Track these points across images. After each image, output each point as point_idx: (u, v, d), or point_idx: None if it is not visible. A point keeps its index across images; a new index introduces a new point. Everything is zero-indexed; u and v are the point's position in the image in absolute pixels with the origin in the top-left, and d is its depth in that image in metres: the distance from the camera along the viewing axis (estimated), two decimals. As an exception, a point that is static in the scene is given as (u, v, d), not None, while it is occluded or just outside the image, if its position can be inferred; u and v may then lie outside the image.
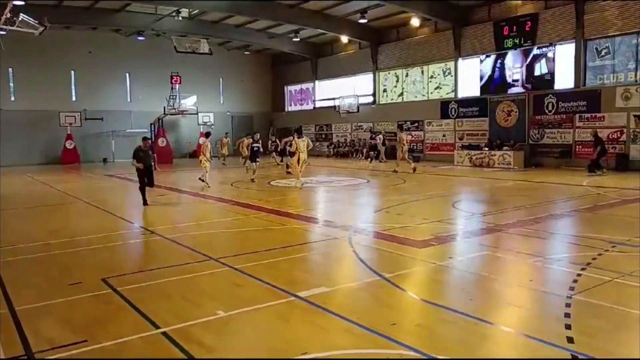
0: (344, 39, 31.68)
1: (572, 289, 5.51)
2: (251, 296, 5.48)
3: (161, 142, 31.75)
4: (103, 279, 6.15)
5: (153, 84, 33.27)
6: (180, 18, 28.35)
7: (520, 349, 4.29)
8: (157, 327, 4.63)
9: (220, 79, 37.75)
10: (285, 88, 40.19)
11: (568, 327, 4.47)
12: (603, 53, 21.28)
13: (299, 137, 16.86)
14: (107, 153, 32.99)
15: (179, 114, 32.85)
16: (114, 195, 15.91)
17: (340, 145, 34.24)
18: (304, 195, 14.72)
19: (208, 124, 36.36)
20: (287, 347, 4.25)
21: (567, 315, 4.76)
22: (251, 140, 19.61)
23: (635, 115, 20.04)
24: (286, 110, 40.32)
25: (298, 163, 16.52)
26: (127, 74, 33.99)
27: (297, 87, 39.07)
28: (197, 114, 34.43)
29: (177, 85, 32.42)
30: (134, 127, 33.03)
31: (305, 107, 38.35)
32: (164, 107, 32.07)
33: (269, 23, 30.15)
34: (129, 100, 34.23)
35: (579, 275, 6.02)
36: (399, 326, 4.65)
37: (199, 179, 16.64)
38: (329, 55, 35.21)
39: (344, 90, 33.30)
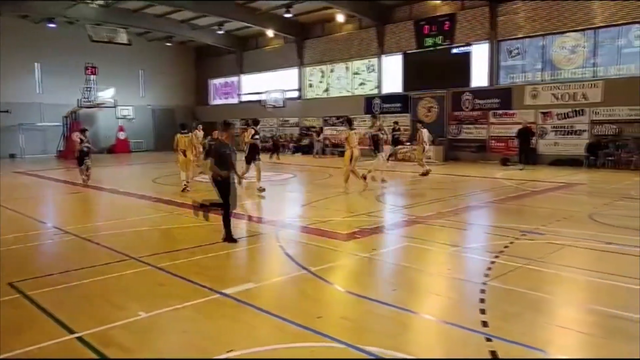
0: (270, 33, 31.48)
1: (486, 275, 5.84)
2: (174, 295, 5.32)
3: (76, 136, 29.95)
4: (10, 284, 5.73)
5: (66, 75, 31.24)
6: (95, 5, 26.88)
7: (440, 335, 4.49)
8: (72, 332, 4.39)
9: (141, 71, 36.24)
10: (210, 81, 39.35)
11: (483, 312, 4.73)
12: (514, 54, 22.67)
13: (351, 129, 13.67)
14: (15, 148, 30.71)
15: (95, 107, 31.20)
16: (24, 194, 14.85)
17: (267, 140, 34.03)
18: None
19: (128, 117, 34.85)
20: (212, 344, 4.17)
21: (482, 300, 5.03)
22: (253, 131, 14.77)
23: (542, 112, 21.54)
24: (210, 103, 39.50)
25: (350, 161, 13.34)
26: (37, 64, 31.68)
27: (222, 80, 38.37)
28: (115, 107, 32.87)
29: (93, 77, 30.77)
30: (45, 121, 31.02)
31: (230, 100, 37.76)
32: (79, 100, 30.32)
33: (191, 14, 29.32)
34: (38, 91, 31.95)
35: (492, 262, 6.39)
36: (325, 319, 4.71)
37: (185, 186, 13.50)
38: (255, 49, 34.86)
39: (270, 85, 33.13)
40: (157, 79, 36.87)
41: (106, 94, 32.24)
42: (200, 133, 19.11)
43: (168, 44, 36.50)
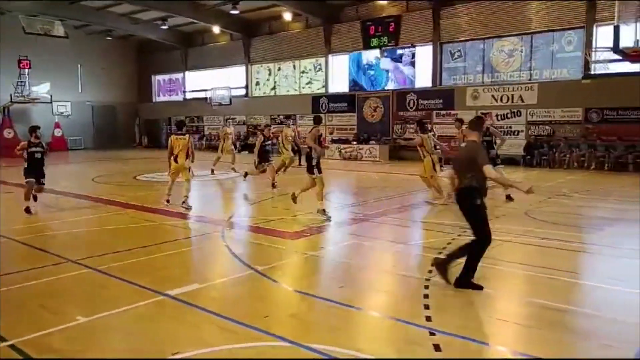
0: (216, 29, 30.96)
1: (430, 271, 5.98)
2: (116, 298, 5.13)
3: (7, 133, 28.47)
4: None
5: (-4, 68, 29.49)
6: (29, -5, 25.54)
7: (386, 331, 4.57)
8: (4, 340, 4.14)
9: (79, 66, 34.67)
10: (153, 77, 38.27)
11: (427, 307, 4.85)
12: (456, 56, 23.39)
13: (422, 132, 11.39)
14: (-60, 145, 28.68)
15: (29, 102, 29.62)
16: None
17: (213, 138, 33.49)
18: (173, 190, 14.14)
19: (65, 114, 33.30)
20: (156, 348, 4.06)
21: (426, 296, 5.16)
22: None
23: (482, 113, 22.31)
24: (154, 100, 38.44)
25: (434, 168, 11.27)
26: (-37, 55, 29.70)
27: (166, 77, 37.41)
28: (51, 102, 31.31)
29: (27, 71, 29.20)
30: (-27, 116, 29.13)
31: (174, 97, 36.88)
32: (11, 95, 28.71)
33: (133, 8, 28.35)
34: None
35: (435, 259, 6.55)
36: (272, 318, 4.69)
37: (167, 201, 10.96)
38: (201, 46, 34.19)
39: (216, 82, 32.61)
40: (96, 74, 35.34)
41: (41, 89, 30.62)
42: (230, 129, 18.53)
43: (108, 38, 35.17)
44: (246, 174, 14.11)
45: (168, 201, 10.79)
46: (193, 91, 35.03)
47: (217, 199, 12.59)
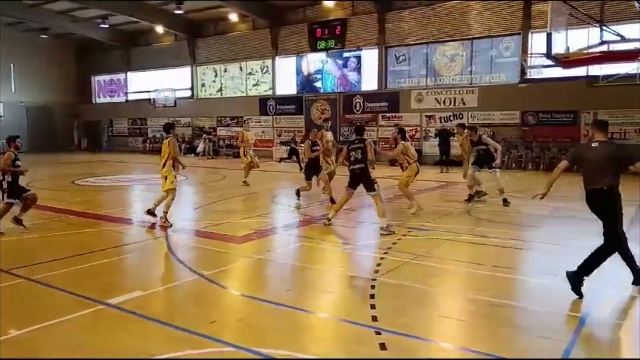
0: (159, 29, 30.22)
1: (376, 272, 6.07)
2: (53, 309, 4.88)
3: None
4: None
5: None
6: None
7: (333, 332, 4.58)
8: None
9: (12, 65, 32.89)
10: (93, 78, 36.89)
11: (373, 307, 4.90)
12: (400, 59, 23.91)
13: (403, 139, 10.81)
14: None
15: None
16: None
17: (157, 140, 32.62)
18: (114, 194, 13.69)
19: (-3, 116, 31.58)
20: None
21: (372, 296, 5.22)
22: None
23: (426, 116, 22.94)
24: (94, 101, 37.06)
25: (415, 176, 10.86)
26: None
27: (107, 77, 36.16)
28: (-20, 103, 29.59)
29: (-46, 69, 27.48)
30: None
31: (116, 99, 35.70)
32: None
33: (71, 5, 27.18)
34: None
35: (382, 259, 6.66)
36: (219, 323, 4.60)
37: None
38: (144, 46, 33.26)
39: (161, 83, 31.81)
40: (31, 74, 33.60)
41: (-31, 89, 28.91)
42: (251, 134, 14.89)
43: (44, 37, 33.57)
44: (298, 193, 11.64)
45: (151, 212, 9.20)
46: (136, 92, 34.03)
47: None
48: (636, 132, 18.64)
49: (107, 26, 30.33)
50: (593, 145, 5.52)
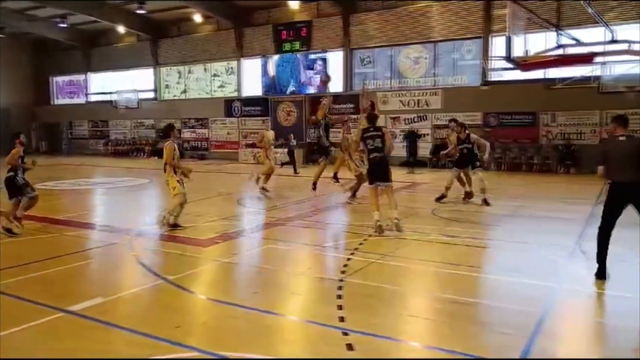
0: (121, 29, 29.57)
1: (343, 272, 6.09)
2: (9, 318, 4.70)
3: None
4: None
5: None
6: None
7: (300, 334, 4.58)
8: None
9: (-36, 65, 31.58)
10: (52, 79, 35.78)
11: (340, 307, 4.92)
12: (366, 62, 24.11)
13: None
14: None
15: None
16: None
17: (120, 143, 31.92)
18: (73, 198, 13.32)
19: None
20: (54, 369, 3.77)
21: (339, 296, 5.23)
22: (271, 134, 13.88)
23: (391, 117, 23.19)
24: (53, 103, 35.94)
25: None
26: None
27: (67, 78, 35.14)
28: None
29: None
30: None
31: (76, 100, 34.73)
32: None
33: (28, 3, 26.30)
34: None
35: (349, 259, 6.68)
36: (184, 328, 4.52)
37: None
38: (105, 46, 32.45)
39: (123, 84, 31.12)
40: (-16, 74, 32.33)
41: None
42: (271, 134, 14.35)
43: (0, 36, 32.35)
44: (353, 194, 11.55)
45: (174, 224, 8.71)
46: (97, 94, 33.19)
47: (124, 206, 11.99)
48: (592, 133, 19.32)
49: (67, 25, 29.47)
50: (620, 139, 5.74)
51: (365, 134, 8.54)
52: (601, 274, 5.67)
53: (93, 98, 33.55)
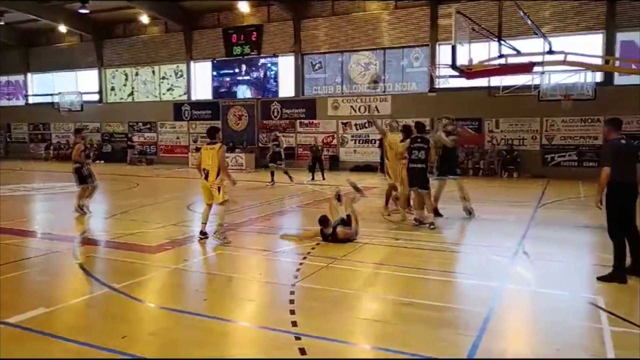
0: (62, 28, 28.44)
1: (295, 277, 6.10)
2: (-60, 332, 4.43)
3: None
4: None
5: None
6: None
7: (252, 340, 4.54)
8: None
9: None
10: (-14, 79, 33.99)
11: (292, 312, 4.92)
12: (316, 67, 24.27)
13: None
14: None
15: None
16: None
17: (62, 147, 30.64)
18: (12, 204, 12.67)
19: None
20: (-8, 385, 3.58)
21: (291, 301, 5.24)
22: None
23: (342, 122, 23.44)
24: (-11, 105, 34.14)
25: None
26: None
27: (4, 78, 33.43)
28: None
29: None
30: None
31: (15, 102, 33.09)
32: None
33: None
34: None
35: (301, 264, 6.70)
36: (131, 338, 4.40)
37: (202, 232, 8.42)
38: (45, 45, 31.11)
39: (65, 86, 29.93)
40: None
41: None
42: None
43: None
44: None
45: (203, 233, 8.26)
46: (37, 95, 31.77)
47: (67, 212, 11.47)
48: (532, 139, 20.23)
49: (3, 24, 28.07)
50: (622, 142, 5.92)
51: (413, 144, 9.28)
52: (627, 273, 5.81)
53: (33, 100, 32.10)
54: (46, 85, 31.38)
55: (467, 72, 11.31)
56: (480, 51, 12.06)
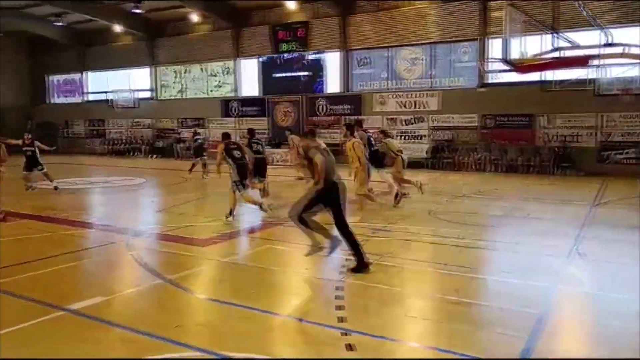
0: (117, 28, 29.49)
1: (341, 273, 6.12)
2: (8, 316, 4.71)
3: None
4: None
5: None
6: None
7: (299, 334, 4.59)
8: None
9: (-41, 64, 31.33)
10: (48, 78, 35.63)
11: (339, 308, 4.94)
12: (363, 63, 24.14)
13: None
14: None
15: None
16: None
17: (116, 142, 31.81)
18: (72, 198, 13.28)
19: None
20: (55, 368, 3.78)
21: (338, 297, 5.26)
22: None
23: (388, 118, 23.25)
24: (49, 102, 35.80)
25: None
26: None
27: (63, 77, 34.98)
28: None
29: None
30: None
31: (73, 99, 34.60)
32: None
33: (23, 2, 26.15)
34: None
35: (347, 260, 6.70)
36: (184, 328, 4.54)
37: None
38: (101, 45, 32.33)
39: (120, 84, 31.04)
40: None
41: None
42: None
43: (-5, 34, 32.18)
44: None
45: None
46: (94, 93, 33.10)
47: (122, 205, 11.96)
48: (588, 136, 19.41)
49: (63, 25, 29.36)
50: None
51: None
52: None
53: (90, 97, 33.46)
54: (101, 83, 32.60)
55: (519, 66, 11.00)
56: (533, 44, 11.67)
